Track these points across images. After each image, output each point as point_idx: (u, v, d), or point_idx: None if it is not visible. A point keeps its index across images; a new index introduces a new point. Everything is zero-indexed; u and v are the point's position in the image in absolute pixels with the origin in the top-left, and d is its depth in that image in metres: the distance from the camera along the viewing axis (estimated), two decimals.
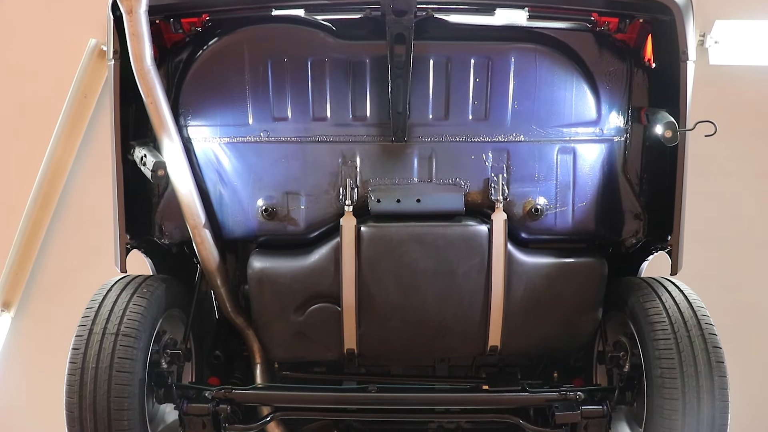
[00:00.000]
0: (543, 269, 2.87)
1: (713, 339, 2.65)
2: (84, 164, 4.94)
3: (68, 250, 5.19)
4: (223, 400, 2.81)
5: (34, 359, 5.63)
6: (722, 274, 4.87)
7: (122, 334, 2.65)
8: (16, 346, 5.85)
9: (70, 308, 2.75)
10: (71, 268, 5.16)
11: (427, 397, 2.92)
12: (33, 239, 5.24)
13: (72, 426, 2.63)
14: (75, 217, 5.10)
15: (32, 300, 5.54)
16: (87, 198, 4.95)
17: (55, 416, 2.84)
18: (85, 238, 5.01)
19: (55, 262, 5.31)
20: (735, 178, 4.85)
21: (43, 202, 5.04)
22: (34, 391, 5.77)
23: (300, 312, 2.87)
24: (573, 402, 2.81)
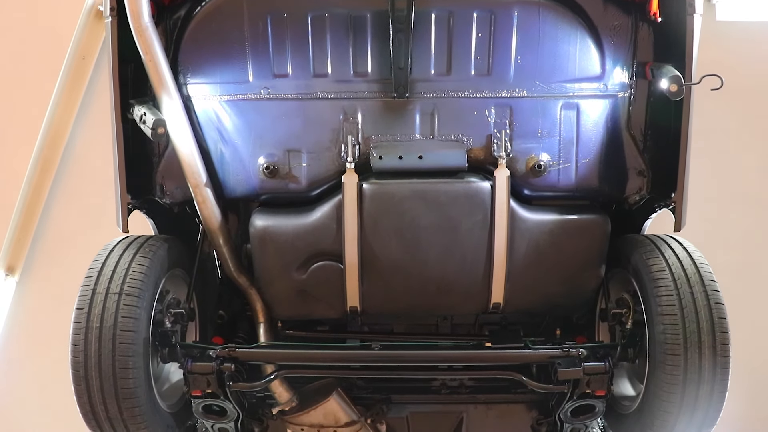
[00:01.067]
0: (546, 226, 2.85)
1: (716, 295, 2.65)
2: (84, 127, 4.91)
3: (71, 212, 5.20)
4: (227, 358, 2.83)
5: (40, 322, 5.67)
6: (725, 233, 4.87)
7: (125, 294, 2.66)
8: (21, 310, 5.89)
9: (75, 270, 2.76)
10: (74, 230, 5.17)
11: (430, 354, 2.93)
12: (35, 203, 5.24)
13: (78, 385, 2.65)
14: (77, 179, 5.09)
15: (36, 264, 5.57)
16: (88, 160, 4.94)
17: (61, 378, 2.86)
18: (88, 200, 5.01)
19: (57, 226, 5.32)
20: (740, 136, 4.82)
21: (44, 166, 5.03)
22: (41, 354, 5.83)
23: (302, 270, 2.87)
24: (575, 359, 2.83)
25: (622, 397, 2.99)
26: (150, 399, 2.74)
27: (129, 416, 2.68)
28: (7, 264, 5.66)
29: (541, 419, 3.32)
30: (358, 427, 3.18)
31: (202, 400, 2.96)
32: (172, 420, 2.94)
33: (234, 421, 3.10)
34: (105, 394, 2.63)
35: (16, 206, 5.26)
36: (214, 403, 2.98)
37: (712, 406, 2.65)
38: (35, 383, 6.27)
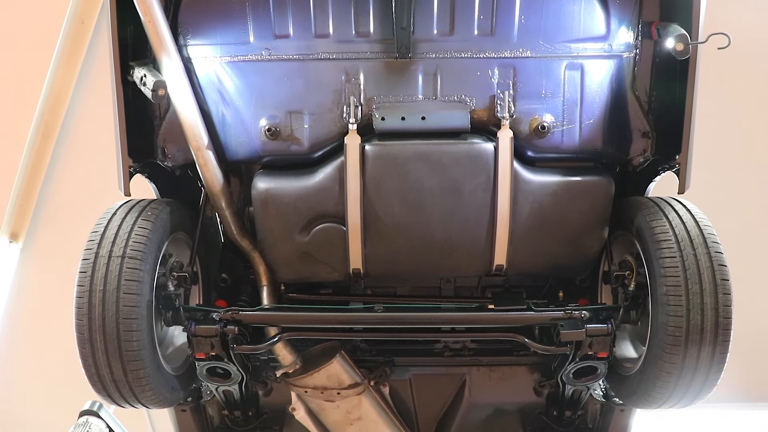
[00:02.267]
0: (549, 188, 2.84)
1: (719, 257, 2.64)
2: (85, 91, 4.88)
3: (73, 178, 5.20)
4: (230, 321, 2.84)
5: (45, 288, 5.71)
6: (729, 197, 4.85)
7: (128, 257, 2.66)
8: (26, 276, 5.92)
9: (78, 236, 2.75)
10: (77, 195, 5.17)
11: (432, 316, 2.94)
12: (37, 169, 5.24)
13: (83, 347, 2.67)
14: (78, 144, 5.08)
15: (39, 230, 5.58)
16: (89, 125, 4.92)
17: (67, 342, 2.87)
18: (89, 165, 5.00)
19: (60, 192, 5.32)
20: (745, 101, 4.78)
21: (45, 132, 5.02)
22: (46, 319, 5.87)
23: (305, 232, 2.86)
24: (578, 321, 2.83)
25: (624, 359, 3.00)
26: (154, 361, 2.75)
27: (134, 378, 2.70)
28: (11, 231, 5.67)
29: (544, 381, 3.34)
30: (361, 389, 3.20)
31: (206, 363, 2.97)
32: (177, 382, 2.96)
33: (238, 384, 3.13)
34: (109, 356, 2.65)
35: (18, 173, 5.26)
36: (218, 366, 3.00)
37: (713, 367, 2.65)
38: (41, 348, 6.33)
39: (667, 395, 2.75)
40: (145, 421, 7.14)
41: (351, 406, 3.22)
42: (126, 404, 2.87)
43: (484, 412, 3.47)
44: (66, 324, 2.70)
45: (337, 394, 3.17)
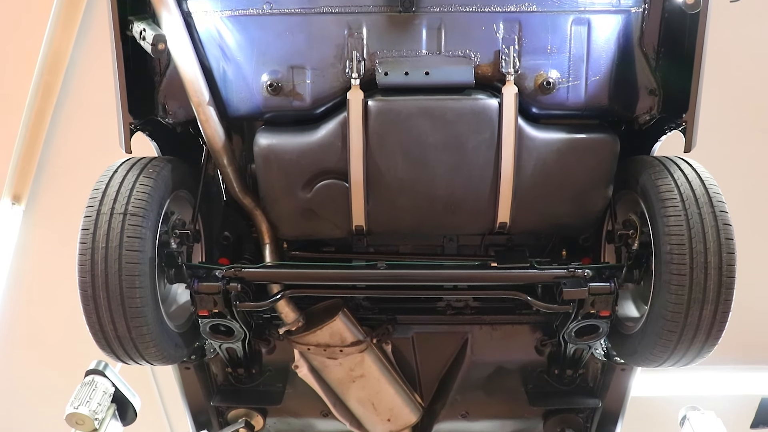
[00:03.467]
0: (554, 145, 2.80)
1: (724, 216, 2.62)
2: (84, 50, 4.83)
3: (74, 137, 5.17)
4: (233, 278, 2.84)
5: (48, 249, 5.73)
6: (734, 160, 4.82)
7: (130, 214, 2.65)
8: (29, 237, 5.93)
9: (81, 196, 2.74)
10: (79, 156, 5.16)
11: (435, 274, 2.93)
12: (37, 130, 5.21)
13: (86, 305, 2.67)
14: (79, 103, 5.04)
15: (42, 191, 5.58)
16: (89, 83, 4.88)
17: (72, 302, 2.88)
18: (91, 124, 4.97)
19: (62, 152, 5.31)
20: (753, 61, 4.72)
21: (45, 92, 4.98)
22: (50, 280, 5.90)
23: (308, 189, 2.84)
24: (580, 279, 2.83)
25: (626, 318, 3.01)
26: (157, 318, 2.76)
27: (137, 335, 2.71)
28: (13, 193, 5.67)
29: (545, 340, 3.35)
30: (363, 346, 3.20)
31: (209, 320, 2.99)
32: (181, 339, 2.97)
33: (241, 341, 3.14)
34: (113, 313, 2.66)
35: (19, 134, 5.23)
36: (221, 323, 3.01)
37: (715, 326, 2.65)
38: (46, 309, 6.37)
39: (668, 354, 2.76)
40: (150, 381, 7.22)
41: (354, 364, 3.24)
42: (130, 361, 2.89)
43: (485, 370, 3.48)
44: (70, 284, 2.69)
45: (339, 352, 3.18)
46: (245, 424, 3.50)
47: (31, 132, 5.22)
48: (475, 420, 3.63)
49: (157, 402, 7.40)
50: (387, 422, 3.45)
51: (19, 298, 6.47)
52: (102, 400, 4.52)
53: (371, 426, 3.48)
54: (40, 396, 7.45)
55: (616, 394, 3.50)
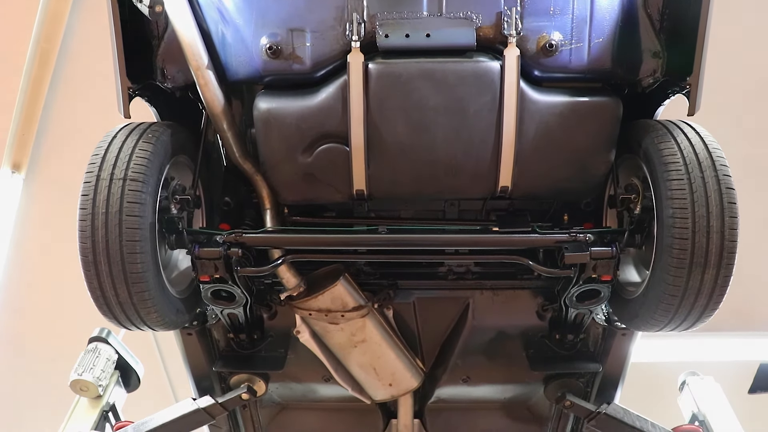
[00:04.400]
0: (556, 108, 2.78)
1: (727, 180, 2.61)
2: (80, 15, 4.77)
3: (73, 104, 5.14)
4: (234, 243, 2.84)
5: (49, 218, 5.73)
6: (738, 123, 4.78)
7: (130, 179, 2.63)
8: (30, 206, 5.93)
9: (81, 164, 2.72)
10: (78, 122, 5.13)
11: (436, 238, 2.92)
12: (36, 98, 5.17)
13: (87, 270, 2.67)
14: (76, 70, 5.00)
15: (42, 159, 5.56)
16: (87, 50, 4.83)
17: (72, 269, 2.88)
18: (89, 90, 4.93)
19: (61, 119, 5.28)
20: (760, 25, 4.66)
21: (42, 59, 4.93)
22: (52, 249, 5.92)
23: (308, 153, 2.82)
24: (582, 243, 2.82)
25: (627, 283, 3.01)
26: (159, 284, 2.76)
27: (139, 300, 2.71)
28: (13, 161, 5.65)
29: (547, 305, 3.35)
30: (365, 311, 3.21)
31: (210, 286, 2.99)
32: (182, 305, 2.98)
33: (242, 307, 3.15)
34: (114, 278, 2.65)
35: (17, 102, 5.20)
36: (222, 289, 3.02)
37: (717, 290, 2.65)
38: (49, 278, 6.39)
39: (669, 318, 2.76)
40: (153, 348, 7.27)
41: (355, 329, 3.24)
42: (132, 326, 2.90)
43: (487, 335, 3.48)
44: (72, 252, 2.69)
45: (341, 317, 3.18)
46: (248, 389, 3.52)
47: (30, 100, 5.19)
48: (476, 385, 3.65)
49: (161, 369, 7.47)
50: (388, 387, 3.47)
51: (22, 267, 6.49)
52: (105, 367, 4.57)
53: (373, 391, 3.51)
54: (44, 364, 7.51)
55: (616, 359, 3.51)
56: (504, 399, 3.79)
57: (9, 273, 6.51)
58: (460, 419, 3.89)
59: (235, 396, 3.53)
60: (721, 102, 4.77)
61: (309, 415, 3.94)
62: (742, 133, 5.04)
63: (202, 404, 3.59)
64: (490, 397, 3.78)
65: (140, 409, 4.22)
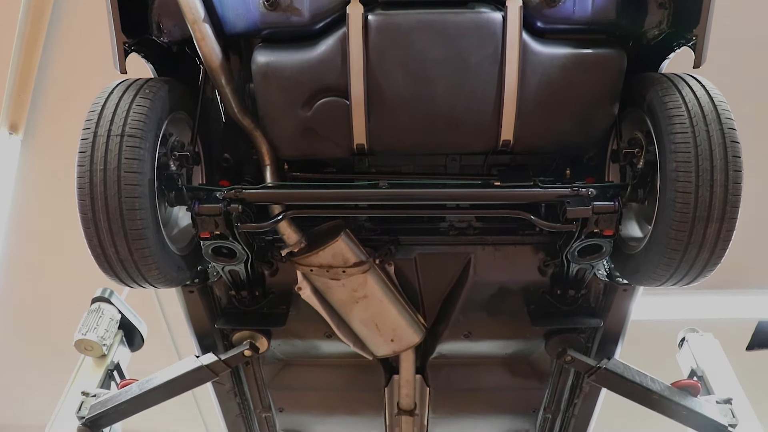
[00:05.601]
0: (559, 60, 2.73)
1: (732, 134, 2.58)
2: None
3: (69, 62, 5.07)
4: (234, 199, 2.82)
5: (48, 178, 5.70)
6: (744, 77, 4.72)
7: (127, 135, 2.61)
8: (28, 167, 5.91)
9: (79, 123, 2.69)
10: (75, 81, 5.06)
11: (438, 192, 2.89)
12: (31, 57, 5.10)
13: (87, 228, 2.66)
14: (71, 27, 4.92)
15: (39, 120, 5.51)
16: (81, 6, 4.74)
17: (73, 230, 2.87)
18: (85, 48, 4.86)
19: (57, 78, 5.21)
20: None
21: (35, 16, 4.84)
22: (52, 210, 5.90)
23: (307, 107, 2.78)
24: (585, 198, 2.80)
25: (629, 238, 3.00)
26: (159, 240, 2.75)
27: (139, 257, 2.71)
28: (10, 122, 5.61)
29: (548, 261, 3.34)
30: (366, 267, 3.20)
31: (211, 242, 2.98)
32: (183, 262, 2.97)
33: (243, 263, 3.14)
34: (114, 235, 2.65)
35: (11, 61, 5.13)
36: (223, 245, 3.00)
37: (719, 245, 2.64)
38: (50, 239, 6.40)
39: (671, 272, 2.76)
40: (156, 308, 7.32)
41: (356, 285, 3.24)
42: (133, 284, 2.89)
43: (488, 290, 3.48)
44: (73, 212, 2.68)
45: (342, 273, 3.18)
46: (250, 346, 3.53)
47: (24, 59, 5.12)
48: (477, 340, 3.66)
49: (164, 328, 7.53)
50: (390, 343, 3.48)
51: (23, 229, 6.49)
52: (109, 327, 4.60)
53: (374, 346, 3.52)
54: (47, 324, 7.57)
55: (617, 314, 3.52)
56: (505, 354, 3.80)
57: (10, 235, 6.51)
58: (462, 375, 3.92)
59: (237, 353, 3.55)
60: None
61: (311, 372, 3.95)
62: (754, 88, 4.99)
63: (205, 361, 3.62)
64: (492, 352, 3.79)
65: (144, 368, 4.25)
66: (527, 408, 4.15)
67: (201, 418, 9.41)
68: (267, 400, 4.10)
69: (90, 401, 4.03)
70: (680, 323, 5.08)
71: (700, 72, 2.79)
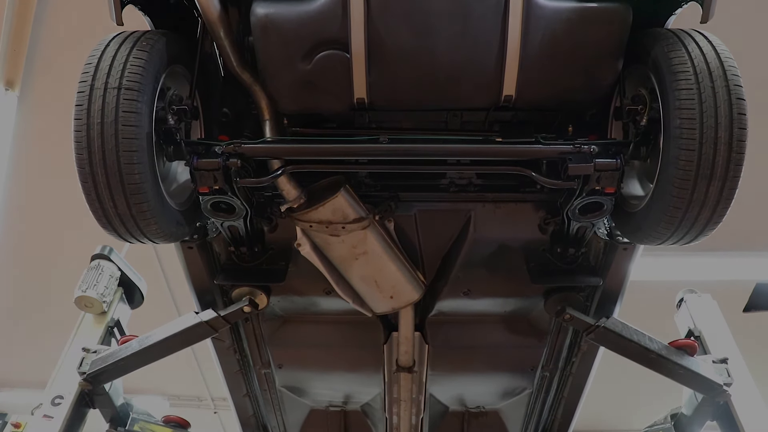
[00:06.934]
0: (563, 14, 2.68)
1: (738, 90, 2.54)
2: None
3: (65, 17, 4.98)
4: (232, 154, 2.79)
5: (46, 135, 5.66)
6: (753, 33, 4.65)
7: (124, 88, 2.57)
8: (26, 124, 5.85)
9: (76, 78, 2.65)
10: (70, 35, 4.98)
11: (438, 147, 2.86)
12: (25, 11, 5.01)
13: (85, 182, 2.64)
14: None
15: (35, 76, 5.44)
16: None
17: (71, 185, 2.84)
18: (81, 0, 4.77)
19: (52, 32, 5.13)
20: None
21: None
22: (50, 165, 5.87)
23: (307, 60, 2.74)
24: (587, 155, 2.77)
25: (630, 196, 2.98)
26: (157, 195, 2.73)
27: (138, 212, 2.69)
28: (6, 78, 5.54)
29: (549, 218, 3.32)
30: (366, 223, 3.18)
31: (209, 197, 2.96)
32: (182, 217, 2.96)
33: (243, 219, 3.13)
34: (112, 190, 2.62)
35: (5, 17, 5.05)
36: (222, 200, 2.99)
37: (721, 203, 2.62)
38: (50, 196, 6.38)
39: (672, 230, 2.74)
40: (156, 267, 7.33)
41: (356, 241, 3.22)
42: (132, 239, 2.88)
43: (488, 248, 3.46)
44: (71, 168, 2.65)
45: (342, 229, 3.16)
46: (249, 302, 3.54)
47: (19, 14, 5.04)
48: (476, 298, 3.67)
49: (164, 286, 7.56)
50: (389, 299, 3.49)
51: (21, 186, 6.46)
52: (109, 284, 4.62)
53: (374, 303, 3.52)
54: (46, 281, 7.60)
55: (617, 273, 3.51)
56: (504, 312, 3.81)
57: (9, 193, 6.49)
58: (461, 332, 3.93)
59: (237, 309, 3.55)
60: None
61: (311, 328, 3.96)
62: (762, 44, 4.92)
63: (204, 317, 3.63)
64: (491, 310, 3.80)
65: (145, 324, 4.28)
66: (525, 366, 4.17)
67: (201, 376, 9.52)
68: (266, 356, 4.13)
69: (91, 357, 4.07)
70: (679, 284, 5.10)
71: (707, 27, 2.74)
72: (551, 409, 4.51)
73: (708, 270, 7.61)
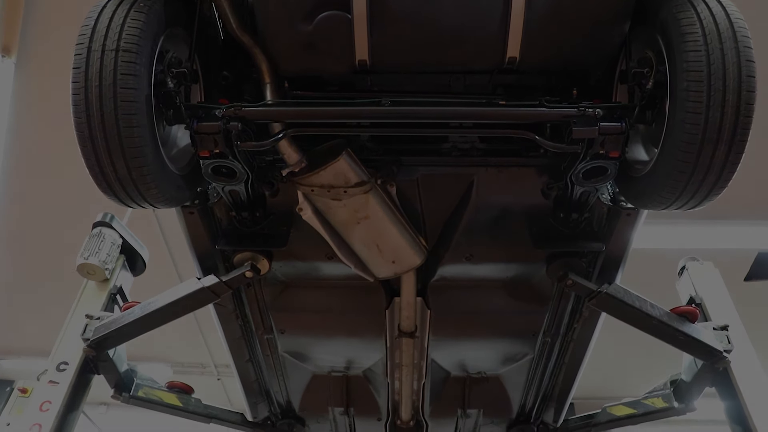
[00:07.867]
0: None
1: (747, 52, 2.50)
2: None
3: None
4: (233, 117, 2.76)
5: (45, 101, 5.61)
6: None
7: (122, 50, 2.54)
8: (24, 91, 5.80)
9: (73, 43, 2.61)
10: None
11: (441, 110, 2.82)
12: None
13: (84, 146, 2.61)
14: None
15: (32, 41, 5.38)
16: None
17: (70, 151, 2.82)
18: None
19: None
20: None
21: None
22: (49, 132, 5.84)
23: (308, 21, 2.69)
24: (591, 118, 2.74)
25: (634, 161, 2.95)
26: (157, 159, 2.71)
27: (138, 176, 2.67)
28: (2, 45, 5.48)
29: (552, 183, 3.29)
30: (368, 187, 3.15)
31: (210, 161, 2.94)
32: (182, 181, 2.94)
33: (244, 183, 3.11)
34: (112, 153, 2.60)
35: None
36: (222, 164, 2.96)
37: (727, 168, 2.59)
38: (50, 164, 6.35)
39: (676, 195, 2.72)
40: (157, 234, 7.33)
41: (358, 205, 3.20)
42: (133, 203, 2.86)
43: (491, 213, 3.44)
44: (71, 134, 2.62)
45: (343, 193, 3.14)
46: (251, 267, 3.52)
47: None
48: (479, 263, 3.65)
49: (166, 254, 7.57)
50: (391, 264, 3.47)
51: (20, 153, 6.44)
52: (111, 251, 4.63)
53: (376, 268, 3.51)
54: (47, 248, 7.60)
55: (620, 239, 3.49)
56: (506, 278, 3.80)
57: (8, 160, 6.46)
58: (462, 297, 3.92)
59: (238, 274, 3.54)
60: None
61: (313, 293, 3.96)
62: None
63: (206, 283, 3.63)
64: (493, 275, 3.79)
65: (147, 291, 4.29)
66: (527, 332, 4.18)
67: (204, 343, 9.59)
68: (268, 321, 4.13)
69: (94, 324, 4.09)
70: (681, 252, 5.09)
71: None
72: (552, 375, 4.53)
73: (710, 238, 7.61)
